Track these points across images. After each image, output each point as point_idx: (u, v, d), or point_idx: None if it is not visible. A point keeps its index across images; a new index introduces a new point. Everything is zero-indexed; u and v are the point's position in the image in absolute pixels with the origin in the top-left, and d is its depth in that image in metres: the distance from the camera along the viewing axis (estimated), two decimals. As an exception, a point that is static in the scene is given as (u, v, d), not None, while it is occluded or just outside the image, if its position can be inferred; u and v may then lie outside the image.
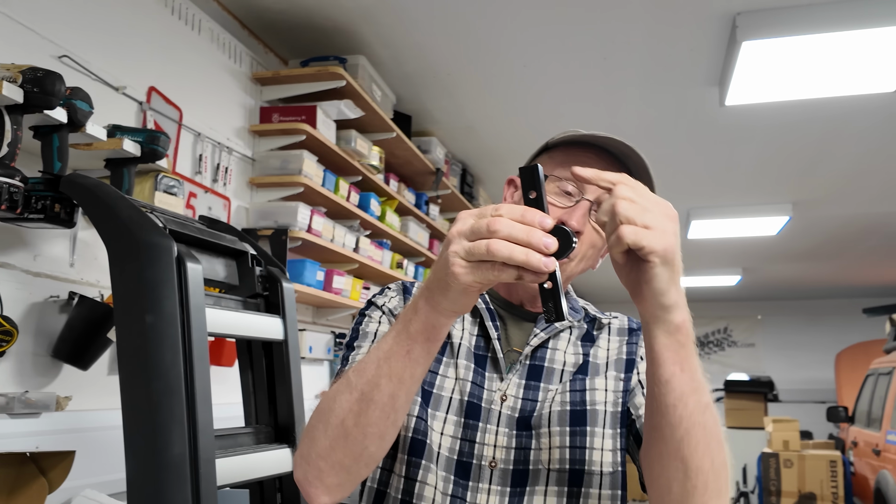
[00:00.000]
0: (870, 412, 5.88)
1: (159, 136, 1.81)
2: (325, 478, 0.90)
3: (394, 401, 0.85)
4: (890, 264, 7.94)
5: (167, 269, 1.38)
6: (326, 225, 2.94)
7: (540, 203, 0.76)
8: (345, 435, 0.87)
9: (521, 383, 1.03)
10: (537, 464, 0.98)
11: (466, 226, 0.75)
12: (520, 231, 0.72)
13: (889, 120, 3.81)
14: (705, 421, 0.81)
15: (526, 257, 0.71)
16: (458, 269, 0.74)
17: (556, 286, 0.75)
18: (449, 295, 0.77)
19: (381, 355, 0.85)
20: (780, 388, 7.69)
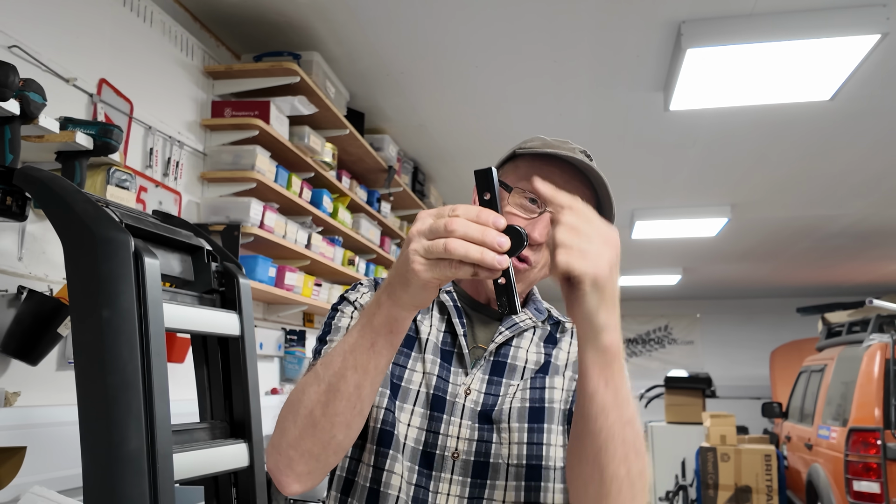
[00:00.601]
0: (802, 408, 6.12)
1: (112, 130, 1.79)
2: (295, 466, 0.94)
3: (359, 391, 0.89)
4: (823, 265, 8.27)
5: (124, 263, 1.37)
6: (279, 221, 2.93)
7: (494, 204, 0.81)
8: (313, 424, 0.91)
9: (485, 378, 1.08)
10: (497, 458, 1.03)
11: (425, 225, 0.80)
12: (475, 230, 0.77)
13: (824, 127, 3.98)
14: (625, 434, 0.86)
15: (481, 255, 0.76)
16: (417, 266, 0.78)
17: (509, 282, 0.80)
18: (409, 290, 0.82)
19: (347, 348, 0.89)
20: (718, 385, 7.93)
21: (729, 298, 10.99)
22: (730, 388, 9.76)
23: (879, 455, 4.32)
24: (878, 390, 4.47)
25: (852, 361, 4.97)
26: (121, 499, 1.28)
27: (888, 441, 4.30)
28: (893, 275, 8.74)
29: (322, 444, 0.92)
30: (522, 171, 1.07)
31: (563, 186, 1.03)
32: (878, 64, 3.11)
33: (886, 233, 6.53)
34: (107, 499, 1.28)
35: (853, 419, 4.57)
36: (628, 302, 11.14)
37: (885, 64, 3.14)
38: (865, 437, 4.43)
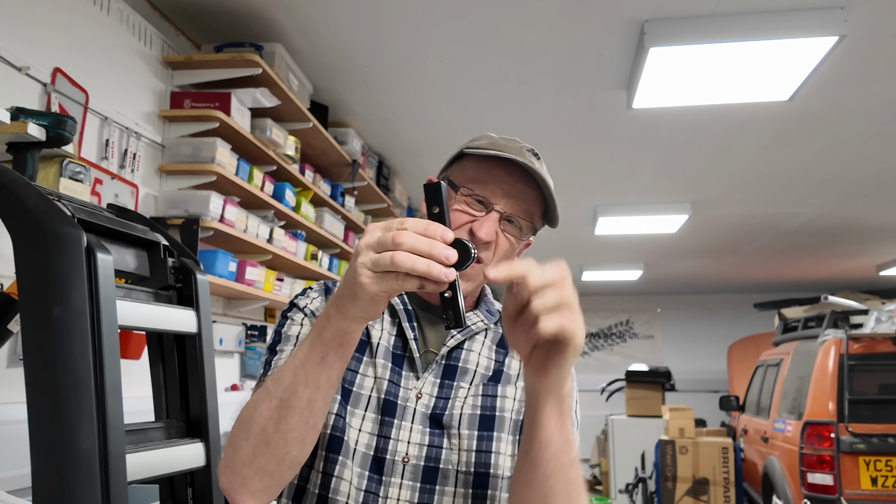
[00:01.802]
0: (759, 401, 6.24)
1: (66, 121, 1.74)
2: (249, 484, 0.93)
3: (312, 406, 0.89)
4: (779, 262, 8.44)
5: (76, 259, 1.34)
6: (239, 215, 2.89)
7: (442, 217, 0.81)
8: (266, 441, 0.90)
9: (436, 382, 1.07)
10: (447, 463, 1.03)
11: (373, 238, 0.79)
12: (422, 243, 0.77)
13: (782, 127, 4.06)
14: (570, 475, 0.90)
15: (427, 268, 0.76)
16: (364, 279, 0.78)
17: (455, 295, 0.81)
18: (357, 303, 0.82)
19: (298, 363, 0.88)
20: (677, 378, 8.05)
21: (689, 294, 11.17)
22: (689, 381, 9.93)
23: (833, 448, 4.42)
24: (832, 385, 4.58)
25: (807, 356, 5.08)
26: (72, 500, 1.25)
27: (841, 434, 4.41)
28: (848, 272, 8.96)
29: (276, 461, 0.91)
30: (470, 172, 1.08)
31: (512, 186, 1.05)
32: (835, 66, 3.17)
33: (841, 231, 6.69)
34: (57, 500, 1.25)
35: (808, 413, 4.68)
36: (591, 297, 11.29)
37: (843, 66, 3.21)
38: (819, 431, 4.53)
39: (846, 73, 3.32)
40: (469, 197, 1.06)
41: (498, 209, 1.05)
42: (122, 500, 1.31)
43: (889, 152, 4.48)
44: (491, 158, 1.06)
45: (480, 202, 1.05)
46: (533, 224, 1.09)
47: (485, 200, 1.05)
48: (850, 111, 3.80)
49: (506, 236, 1.06)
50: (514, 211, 1.06)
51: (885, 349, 4.61)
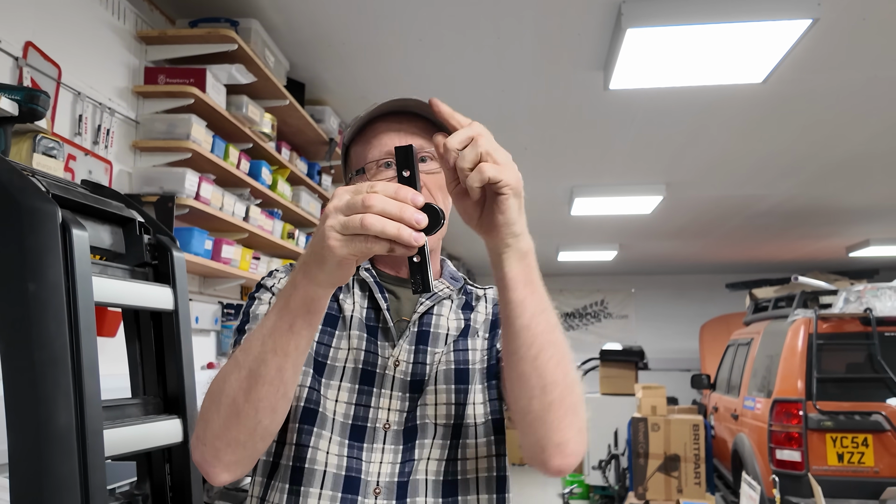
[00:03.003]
0: (729, 380, 6.35)
1: (39, 95, 1.72)
2: (222, 456, 0.93)
3: (281, 374, 0.89)
4: (751, 243, 8.56)
5: (51, 235, 1.33)
6: (215, 193, 2.87)
7: (413, 181, 0.81)
8: (237, 412, 0.90)
9: (411, 349, 1.09)
10: (424, 418, 1.05)
11: (342, 201, 0.79)
12: (393, 207, 0.77)
13: (755, 109, 4.10)
14: (555, 338, 0.91)
15: (397, 231, 0.77)
16: (333, 241, 0.78)
17: (424, 260, 0.81)
18: (325, 268, 0.82)
19: (266, 332, 0.88)
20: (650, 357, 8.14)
21: (662, 274, 11.29)
22: (661, 360, 10.06)
23: (801, 425, 4.52)
24: (801, 363, 4.68)
25: (777, 335, 5.18)
26: (49, 476, 1.25)
27: (810, 412, 4.51)
28: (818, 253, 9.11)
29: (248, 431, 0.91)
30: (360, 153, 1.12)
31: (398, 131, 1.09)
32: (808, 49, 3.21)
33: (811, 213, 6.80)
34: (34, 476, 1.25)
35: (777, 391, 4.78)
36: (566, 277, 11.37)
37: (816, 49, 3.24)
38: (788, 408, 4.63)
39: (819, 57, 3.36)
40: (376, 169, 1.09)
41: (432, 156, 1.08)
42: (99, 475, 1.32)
43: (860, 136, 4.56)
44: (364, 133, 1.11)
45: (388, 165, 1.08)
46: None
47: (390, 162, 1.08)
48: (822, 94, 3.86)
49: (429, 174, 1.08)
50: (418, 146, 1.08)
51: (852, 329, 4.71)
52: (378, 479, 1.02)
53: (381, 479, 1.02)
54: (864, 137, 4.59)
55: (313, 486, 1.01)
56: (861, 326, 4.67)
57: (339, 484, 1.01)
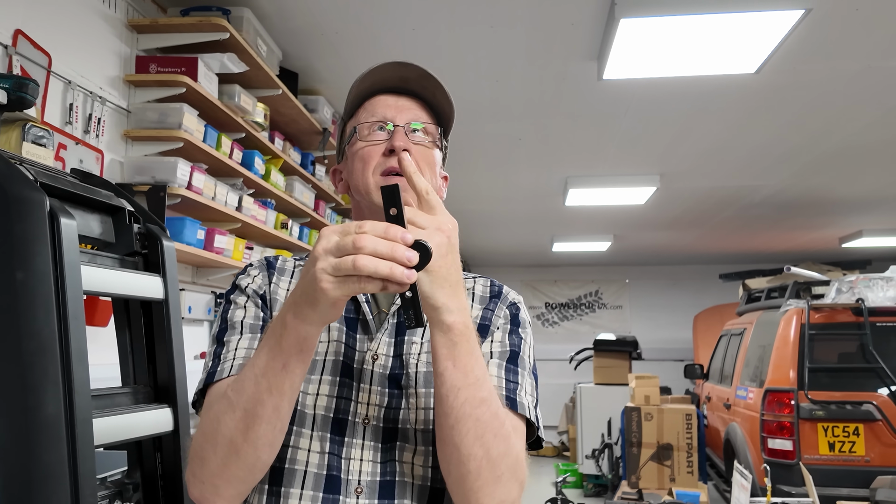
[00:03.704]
0: (722, 370, 6.38)
1: (28, 83, 1.71)
2: (222, 492, 0.94)
3: (278, 412, 0.90)
4: (744, 234, 8.57)
5: (39, 224, 1.33)
6: (207, 182, 2.86)
7: (401, 220, 0.82)
8: (236, 451, 0.91)
9: (390, 341, 1.08)
10: (405, 423, 1.04)
11: (331, 243, 0.80)
12: (384, 247, 0.78)
13: (748, 99, 4.10)
14: (479, 414, 0.90)
15: (390, 271, 0.77)
16: (325, 284, 0.79)
17: (415, 295, 0.82)
18: (318, 308, 0.82)
19: (258, 372, 0.89)
20: (644, 347, 8.17)
21: (656, 265, 11.31)
22: (655, 350, 10.09)
23: (793, 415, 4.55)
24: (793, 353, 4.70)
25: (770, 326, 5.20)
26: (37, 464, 1.25)
27: (801, 401, 4.54)
28: (811, 244, 9.14)
29: (248, 468, 0.93)
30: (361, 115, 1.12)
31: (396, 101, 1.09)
32: (801, 39, 3.21)
33: (805, 203, 6.81)
34: (23, 464, 1.25)
35: (769, 380, 4.80)
36: (561, 268, 11.39)
37: (808, 39, 3.24)
38: (780, 398, 4.66)
39: (812, 47, 3.36)
40: (371, 129, 1.09)
41: (399, 123, 1.08)
42: (89, 464, 1.32)
43: (853, 126, 4.56)
44: (368, 94, 1.12)
45: (381, 128, 1.08)
46: (435, 126, 1.12)
47: (383, 125, 1.08)
48: (815, 84, 3.86)
49: (417, 144, 1.09)
50: (412, 118, 1.09)
51: (844, 319, 4.73)
52: (359, 478, 1.01)
53: (363, 477, 1.01)
54: (858, 128, 4.60)
55: (294, 486, 1.01)
56: (853, 317, 4.69)
57: (321, 484, 1.00)
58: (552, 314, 11.42)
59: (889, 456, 4.39)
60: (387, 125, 1.08)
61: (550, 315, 11.42)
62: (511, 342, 1.10)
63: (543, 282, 11.46)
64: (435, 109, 1.12)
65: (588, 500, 6.81)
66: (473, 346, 0.90)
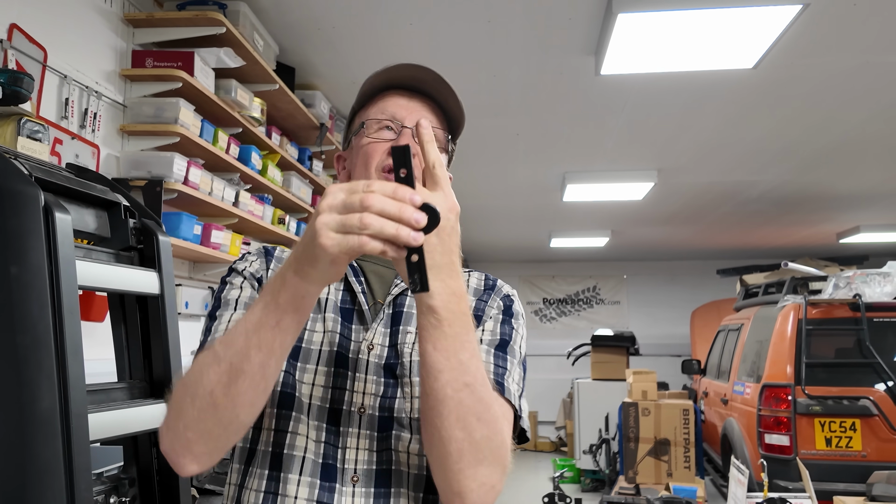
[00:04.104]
0: (720, 365, 6.39)
1: (23, 78, 1.70)
2: (193, 447, 0.91)
3: (264, 370, 0.87)
4: (742, 229, 8.58)
5: (33, 218, 1.32)
6: (204, 177, 2.85)
7: (410, 181, 0.80)
8: (213, 406, 0.88)
9: (386, 331, 1.08)
10: (400, 412, 1.04)
11: (337, 200, 0.78)
12: (392, 206, 0.76)
13: (746, 95, 4.10)
14: (461, 398, 0.89)
15: (396, 231, 0.76)
16: (326, 240, 0.77)
17: (422, 259, 0.80)
18: (318, 266, 0.80)
19: (250, 327, 0.87)
20: (641, 343, 8.18)
21: (654, 260, 11.32)
22: (652, 346, 10.11)
23: (790, 410, 4.56)
24: (790, 349, 4.71)
25: (767, 321, 5.21)
26: (32, 459, 1.25)
27: (798, 397, 4.55)
28: (808, 239, 9.14)
29: (223, 425, 0.90)
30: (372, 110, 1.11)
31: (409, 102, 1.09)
32: (799, 34, 3.21)
33: (802, 199, 6.81)
34: (18, 459, 1.25)
35: (766, 376, 4.81)
36: (558, 263, 11.39)
37: (807, 34, 3.24)
38: (777, 393, 4.67)
39: (810, 42, 3.35)
40: (379, 126, 1.08)
41: (408, 125, 1.07)
42: (84, 459, 1.32)
43: (850, 121, 4.56)
44: (382, 89, 1.11)
45: (389, 128, 1.07)
46: (444, 132, 1.11)
47: (393, 124, 1.07)
48: (813, 80, 3.85)
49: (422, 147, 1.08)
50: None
51: (842, 314, 4.74)
52: (355, 467, 1.01)
53: (358, 466, 1.01)
54: (855, 123, 4.60)
55: (292, 471, 1.01)
56: (850, 312, 4.70)
57: (318, 471, 1.01)
58: (550, 310, 11.43)
59: (885, 451, 4.40)
60: (396, 124, 1.07)
61: (548, 310, 11.42)
62: (502, 331, 1.10)
63: (541, 277, 11.46)
64: (446, 114, 1.12)
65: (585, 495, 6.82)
66: (459, 330, 0.88)
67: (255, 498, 1.02)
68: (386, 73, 1.09)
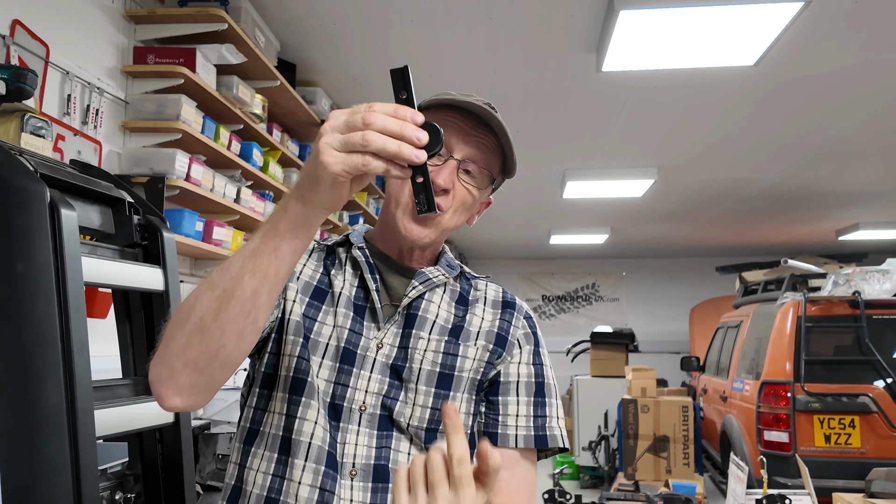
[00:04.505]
0: (718, 362, 6.40)
1: (26, 74, 1.70)
2: (177, 377, 0.89)
3: (255, 297, 0.85)
4: (741, 227, 8.58)
5: (39, 215, 1.32)
6: (206, 174, 2.85)
7: (411, 102, 0.80)
8: (202, 331, 0.86)
9: (398, 333, 1.08)
10: (400, 415, 1.04)
11: (339, 121, 0.78)
12: (393, 124, 0.76)
13: (747, 92, 4.10)
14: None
15: (398, 148, 0.75)
16: (328, 158, 0.76)
17: (426, 179, 0.80)
18: (320, 188, 0.80)
19: (247, 254, 0.86)
20: (640, 340, 8.17)
21: (653, 257, 11.33)
22: (651, 343, 10.11)
23: (789, 407, 4.57)
24: (789, 346, 4.71)
25: (766, 318, 5.21)
26: (39, 456, 1.25)
27: (797, 394, 4.55)
28: (808, 236, 9.15)
29: (209, 354, 0.87)
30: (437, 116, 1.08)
31: (468, 133, 1.06)
32: (801, 31, 3.21)
33: (801, 196, 6.82)
34: (25, 456, 1.25)
35: (765, 373, 4.81)
36: (558, 260, 11.39)
37: (808, 32, 3.24)
38: (776, 390, 4.67)
39: (811, 40, 3.36)
40: None
41: (455, 157, 1.06)
42: (90, 455, 1.32)
43: (851, 119, 4.57)
44: (446, 108, 1.08)
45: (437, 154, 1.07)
46: (491, 173, 1.10)
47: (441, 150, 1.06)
48: (814, 77, 3.86)
49: (463, 185, 1.07)
50: (472, 158, 1.07)
51: (841, 311, 4.74)
52: (354, 461, 1.01)
53: (357, 461, 1.01)
54: (856, 121, 4.60)
55: (298, 457, 1.01)
56: (849, 309, 4.71)
57: (323, 458, 1.01)
58: (549, 307, 11.43)
59: (885, 448, 4.41)
60: (446, 152, 1.06)
61: (547, 308, 11.43)
62: (537, 369, 1.12)
63: (540, 274, 11.47)
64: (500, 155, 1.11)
65: (585, 491, 6.83)
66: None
67: (261, 479, 1.03)
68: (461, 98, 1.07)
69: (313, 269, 1.14)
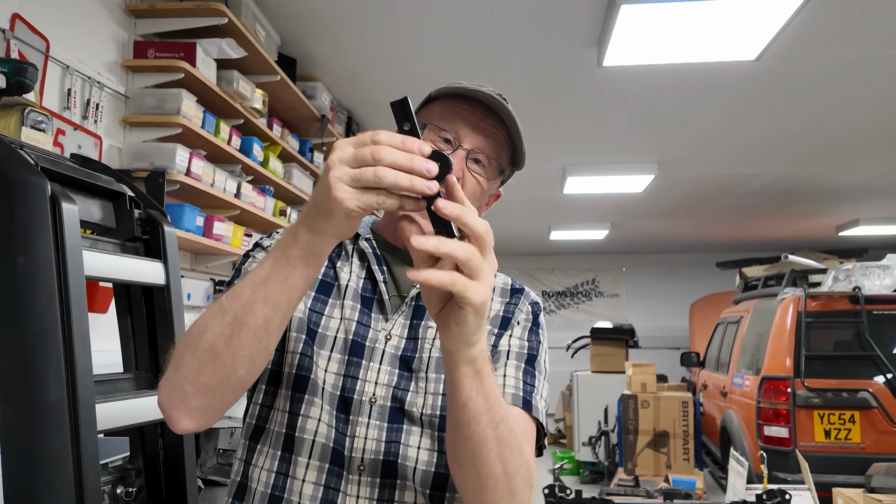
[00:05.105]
0: (718, 357, 6.40)
1: (27, 68, 1.70)
2: (189, 401, 0.89)
3: (268, 325, 0.86)
4: (741, 222, 8.58)
5: (40, 208, 1.32)
6: (206, 169, 2.85)
7: (415, 132, 0.79)
8: (213, 357, 0.87)
9: (406, 324, 1.08)
10: (412, 406, 1.04)
11: (347, 153, 0.77)
12: (403, 158, 0.75)
13: (747, 87, 4.09)
14: (498, 434, 0.89)
15: (410, 183, 0.74)
16: (342, 194, 0.75)
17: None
18: (332, 221, 0.79)
19: (258, 280, 0.85)
20: (640, 335, 8.18)
21: (653, 253, 11.32)
22: (651, 338, 10.12)
23: (789, 402, 4.57)
24: (789, 341, 4.71)
25: (766, 314, 5.21)
26: (40, 450, 1.25)
27: (797, 389, 4.56)
28: (808, 232, 9.15)
29: (221, 379, 0.88)
30: (437, 111, 1.08)
31: (478, 123, 1.06)
32: (802, 26, 3.20)
33: (802, 192, 6.81)
34: (27, 449, 1.25)
35: (765, 368, 4.82)
36: (558, 256, 11.39)
37: (810, 26, 3.23)
38: (776, 385, 4.68)
39: (813, 34, 3.35)
40: (435, 135, 1.06)
41: (465, 146, 1.05)
42: (92, 449, 1.32)
43: (852, 114, 4.56)
44: (457, 98, 1.07)
45: (447, 141, 1.05)
46: (500, 164, 1.10)
47: (451, 139, 1.05)
48: (815, 72, 3.85)
49: (473, 175, 1.06)
50: (481, 148, 1.06)
51: (841, 307, 4.74)
52: (362, 456, 1.01)
53: (366, 455, 1.01)
54: (857, 116, 4.59)
55: (302, 455, 1.01)
56: (850, 305, 4.71)
57: (327, 455, 1.01)
58: (549, 302, 11.43)
59: (885, 443, 4.41)
60: (455, 141, 1.05)
61: (548, 303, 11.43)
62: (530, 343, 1.10)
63: (540, 270, 11.46)
64: (510, 147, 1.11)
65: (585, 486, 6.84)
66: (490, 370, 0.87)
67: (265, 477, 1.03)
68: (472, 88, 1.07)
69: None
